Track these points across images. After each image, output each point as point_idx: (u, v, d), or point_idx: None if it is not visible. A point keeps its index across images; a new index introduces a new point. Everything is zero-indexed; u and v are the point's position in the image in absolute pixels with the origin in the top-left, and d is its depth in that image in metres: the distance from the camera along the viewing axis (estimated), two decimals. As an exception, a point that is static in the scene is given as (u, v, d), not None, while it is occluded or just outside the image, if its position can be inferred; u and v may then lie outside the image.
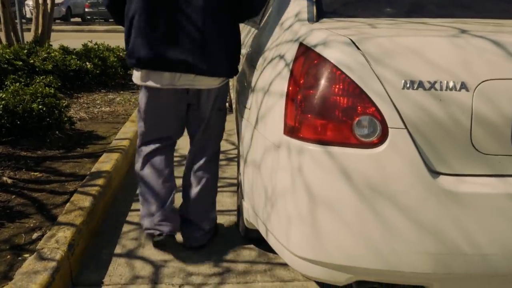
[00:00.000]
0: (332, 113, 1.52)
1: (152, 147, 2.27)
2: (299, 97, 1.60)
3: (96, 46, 6.24)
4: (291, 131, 1.60)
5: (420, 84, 1.47)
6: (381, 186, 1.44)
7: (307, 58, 1.63)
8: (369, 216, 1.45)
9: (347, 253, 1.50)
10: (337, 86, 1.52)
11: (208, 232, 2.42)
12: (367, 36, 1.56)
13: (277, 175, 1.64)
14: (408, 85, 1.47)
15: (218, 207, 2.87)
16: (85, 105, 4.87)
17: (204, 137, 2.28)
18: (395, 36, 1.55)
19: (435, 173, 1.47)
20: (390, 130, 1.46)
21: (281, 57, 1.83)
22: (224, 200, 2.99)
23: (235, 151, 3.87)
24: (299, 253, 1.58)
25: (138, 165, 2.33)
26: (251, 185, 1.97)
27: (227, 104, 2.30)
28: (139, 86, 2.23)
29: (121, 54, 6.35)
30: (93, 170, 3.02)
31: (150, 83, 2.08)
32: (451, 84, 1.46)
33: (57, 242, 2.15)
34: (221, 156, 3.73)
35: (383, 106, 1.47)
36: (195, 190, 2.31)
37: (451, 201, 1.43)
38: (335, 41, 1.58)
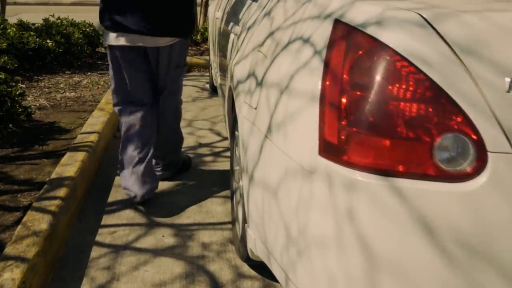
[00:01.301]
0: (399, 128, 1.02)
1: (127, 110, 2.45)
2: (343, 101, 1.09)
3: (59, 21, 5.54)
4: (331, 151, 1.10)
5: (534, 85, 0.98)
6: (478, 241, 0.96)
7: (352, 43, 1.12)
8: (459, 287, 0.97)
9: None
10: (406, 87, 1.02)
11: (168, 165, 2.71)
12: (446, 11, 1.06)
13: (310, 214, 1.14)
14: (515, 87, 0.98)
15: (207, 218, 2.38)
16: (46, 89, 4.23)
17: (164, 95, 2.48)
18: (489, 11, 1.05)
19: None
20: (490, 155, 0.97)
21: (305, 40, 1.31)
22: (214, 209, 2.48)
23: (222, 144, 3.34)
24: (345, 328, 1.09)
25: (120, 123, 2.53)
26: (261, 212, 1.47)
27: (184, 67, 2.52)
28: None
29: (87, 29, 5.67)
30: (53, 176, 2.46)
31: (111, 42, 2.32)
32: None
33: (1, 288, 1.61)
34: (206, 151, 3.21)
35: (479, 118, 0.98)
36: (158, 134, 2.53)
37: None
38: (398, 18, 1.07)
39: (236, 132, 2.20)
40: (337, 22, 1.20)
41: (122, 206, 2.48)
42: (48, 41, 4.89)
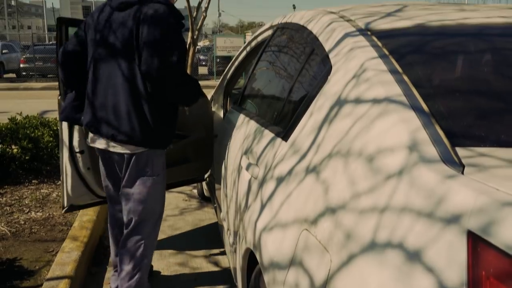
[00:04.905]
0: None
1: (109, 206, 2.52)
2: None
3: (27, 120, 5.00)
4: None
5: None
6: None
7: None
8: None
9: None
10: None
11: None
12: None
13: None
14: None
15: None
16: (8, 208, 3.61)
17: (126, 202, 2.30)
18: None
19: None
20: None
21: (411, 254, 0.83)
22: None
23: (225, 279, 2.77)
24: None
25: None
26: None
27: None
28: None
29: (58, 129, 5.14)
30: None
31: (88, 142, 2.37)
32: None
33: None
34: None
35: None
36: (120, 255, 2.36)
37: None
38: None
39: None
40: (479, 243, 0.73)
41: None
42: (13, 147, 4.34)
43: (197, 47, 15.38)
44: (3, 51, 18.76)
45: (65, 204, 2.78)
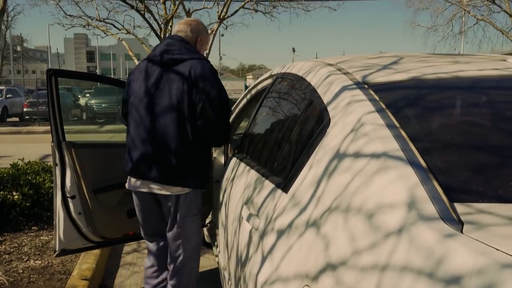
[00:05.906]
0: None
1: (148, 244, 2.67)
2: None
3: (29, 166, 5.02)
4: None
5: None
6: None
7: None
8: None
9: None
10: None
11: None
12: None
13: None
14: None
15: None
16: (6, 256, 3.57)
17: (175, 241, 2.46)
18: None
19: None
20: None
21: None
22: None
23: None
24: None
25: None
26: None
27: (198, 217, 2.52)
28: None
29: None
30: None
31: (127, 186, 2.50)
32: None
33: None
34: None
35: None
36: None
37: None
38: None
39: None
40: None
41: None
42: (14, 193, 4.34)
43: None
44: (8, 96, 19.08)
45: (57, 248, 2.80)
